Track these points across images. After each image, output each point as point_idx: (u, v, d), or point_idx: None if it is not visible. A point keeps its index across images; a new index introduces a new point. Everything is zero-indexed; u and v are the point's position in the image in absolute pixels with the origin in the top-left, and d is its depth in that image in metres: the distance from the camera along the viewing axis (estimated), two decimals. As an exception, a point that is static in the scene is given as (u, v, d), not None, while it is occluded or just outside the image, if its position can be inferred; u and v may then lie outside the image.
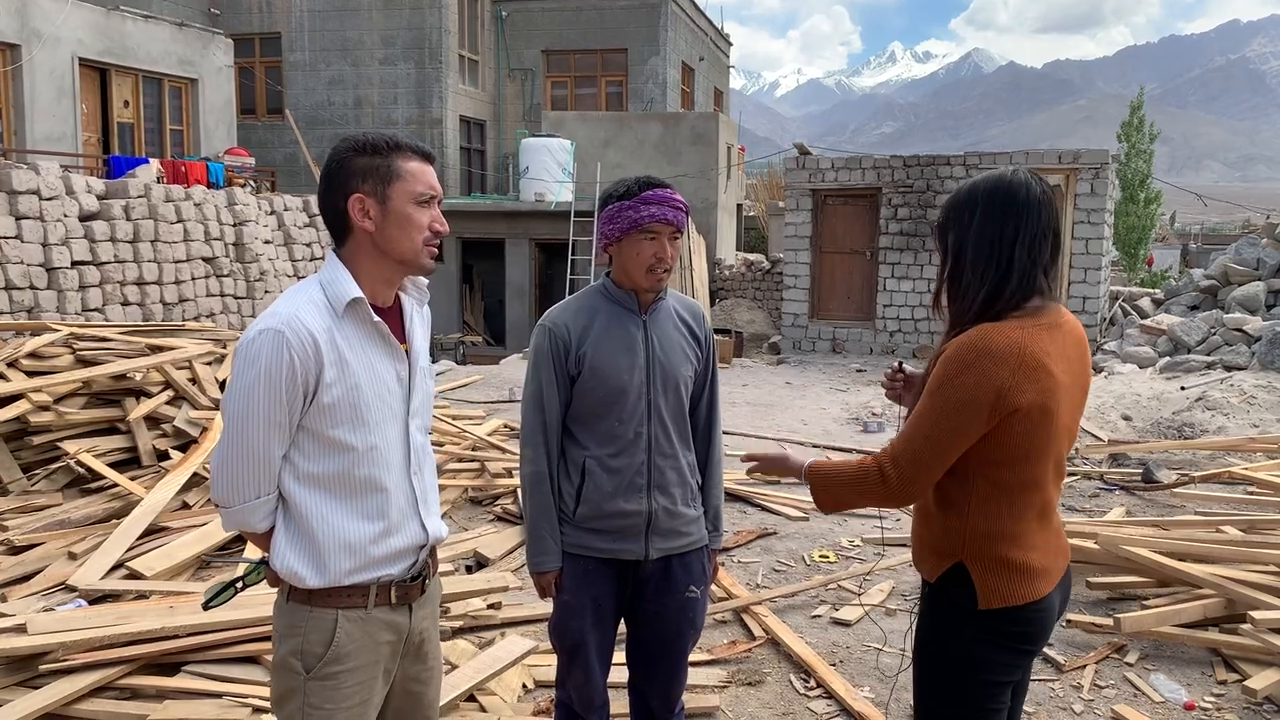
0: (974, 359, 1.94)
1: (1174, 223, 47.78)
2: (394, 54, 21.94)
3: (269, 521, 2.00)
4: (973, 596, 2.05)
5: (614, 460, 2.62)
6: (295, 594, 2.00)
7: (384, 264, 2.02)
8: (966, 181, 2.14)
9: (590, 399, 2.62)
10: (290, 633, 1.99)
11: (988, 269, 2.02)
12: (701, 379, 2.78)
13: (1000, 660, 2.08)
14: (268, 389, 1.88)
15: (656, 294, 2.68)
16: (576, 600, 2.66)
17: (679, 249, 2.66)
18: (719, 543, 2.88)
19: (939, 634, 2.12)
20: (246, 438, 1.91)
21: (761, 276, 19.05)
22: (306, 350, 1.90)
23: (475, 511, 6.20)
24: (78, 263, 11.29)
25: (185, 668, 3.60)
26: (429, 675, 2.18)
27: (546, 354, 2.61)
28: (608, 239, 2.63)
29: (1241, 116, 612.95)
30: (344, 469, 1.97)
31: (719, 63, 29.85)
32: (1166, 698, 3.84)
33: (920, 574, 2.20)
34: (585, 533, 2.65)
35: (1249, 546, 4.72)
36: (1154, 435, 8.72)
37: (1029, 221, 2.02)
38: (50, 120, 14.82)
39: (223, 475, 1.95)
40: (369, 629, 2.01)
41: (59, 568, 4.69)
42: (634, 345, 2.62)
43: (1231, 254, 13.60)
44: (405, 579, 2.07)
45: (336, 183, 1.98)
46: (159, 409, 6.30)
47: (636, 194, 2.57)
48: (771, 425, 9.23)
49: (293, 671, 1.97)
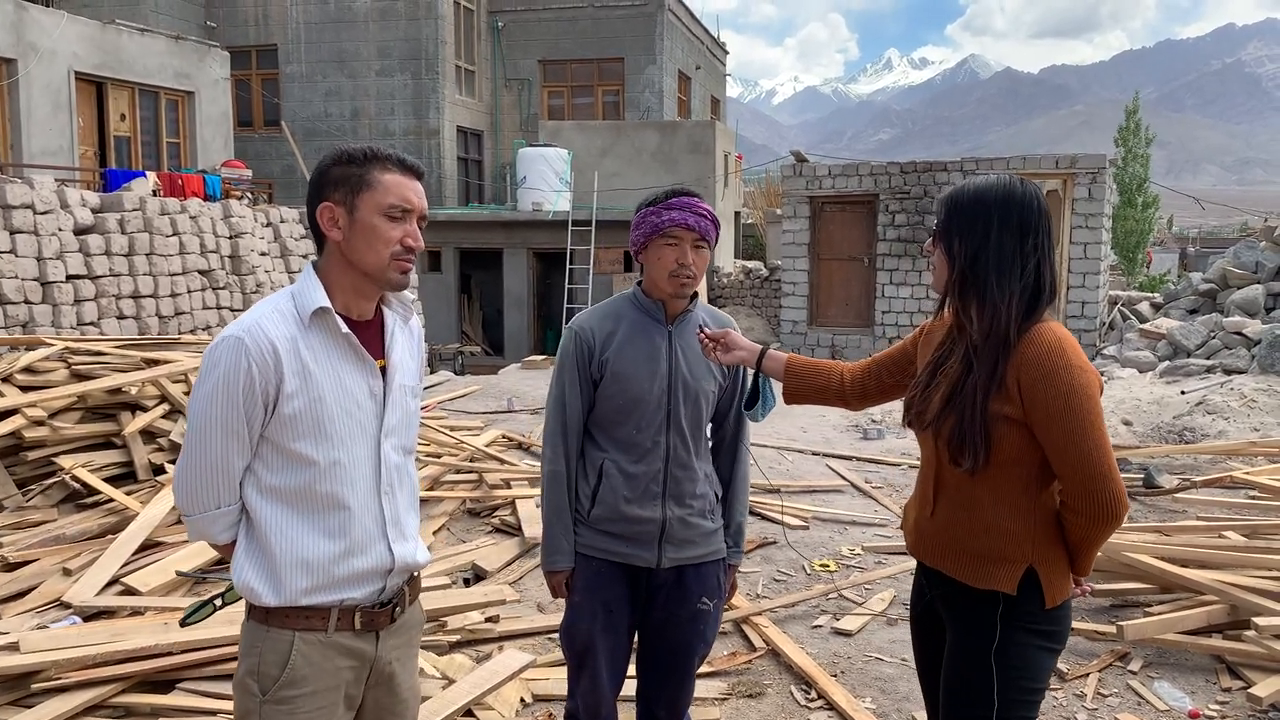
0: (1073, 358, 2.02)
1: (1172, 226, 47.79)
2: (390, 65, 21.96)
3: (231, 534, 1.95)
4: (1040, 599, 2.08)
5: (632, 466, 2.63)
6: (254, 612, 1.95)
7: (354, 275, 1.97)
8: (967, 186, 2.14)
9: (610, 405, 2.63)
10: (248, 652, 1.94)
11: (1014, 282, 2.07)
12: (730, 394, 2.77)
13: (1053, 663, 2.16)
14: (225, 397, 1.85)
15: (684, 304, 2.68)
16: (586, 602, 2.65)
17: (705, 259, 2.65)
18: (739, 559, 2.86)
19: (1015, 644, 2.10)
20: (205, 446, 1.87)
21: (760, 284, 19.04)
22: (266, 359, 1.86)
23: (473, 523, 6.15)
24: (73, 276, 11.26)
25: (179, 685, 3.55)
26: (403, 708, 2.10)
27: (571, 357, 2.64)
28: (636, 246, 2.66)
29: (1238, 120, 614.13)
30: (305, 483, 1.92)
31: (716, 71, 29.89)
32: (1171, 706, 3.80)
33: (975, 587, 2.13)
34: (599, 534, 2.64)
35: (1252, 552, 4.69)
36: (1155, 440, 8.69)
37: (1045, 235, 2.11)
38: (47, 134, 14.81)
39: (183, 483, 1.92)
40: (328, 653, 1.94)
41: (53, 584, 4.64)
42: (657, 355, 2.63)
43: (1230, 257, 13.60)
44: (372, 605, 2.00)
45: (314, 191, 1.96)
46: (155, 423, 6.26)
47: (662, 200, 2.61)
48: (771, 432, 9.18)
49: (249, 693, 1.91)
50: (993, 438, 2.05)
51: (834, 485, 7.46)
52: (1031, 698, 2.13)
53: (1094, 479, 2.00)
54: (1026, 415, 2.04)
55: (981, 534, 2.12)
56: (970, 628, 2.15)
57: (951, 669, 2.18)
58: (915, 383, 2.28)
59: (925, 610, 2.35)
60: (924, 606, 2.36)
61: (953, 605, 2.21)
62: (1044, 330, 2.06)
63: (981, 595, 2.12)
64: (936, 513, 2.22)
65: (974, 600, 2.14)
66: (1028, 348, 2.04)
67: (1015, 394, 2.04)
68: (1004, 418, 2.05)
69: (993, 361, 2.06)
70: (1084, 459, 2.00)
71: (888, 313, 15.33)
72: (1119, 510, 2.03)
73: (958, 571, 2.16)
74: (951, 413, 2.09)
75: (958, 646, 2.17)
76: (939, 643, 2.30)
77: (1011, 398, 2.04)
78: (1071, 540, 2.11)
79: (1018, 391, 2.04)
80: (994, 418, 2.05)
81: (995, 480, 2.10)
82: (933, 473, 2.23)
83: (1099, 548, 2.15)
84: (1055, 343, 2.04)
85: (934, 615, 2.32)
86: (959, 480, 2.14)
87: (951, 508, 2.18)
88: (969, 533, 2.14)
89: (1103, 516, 2.03)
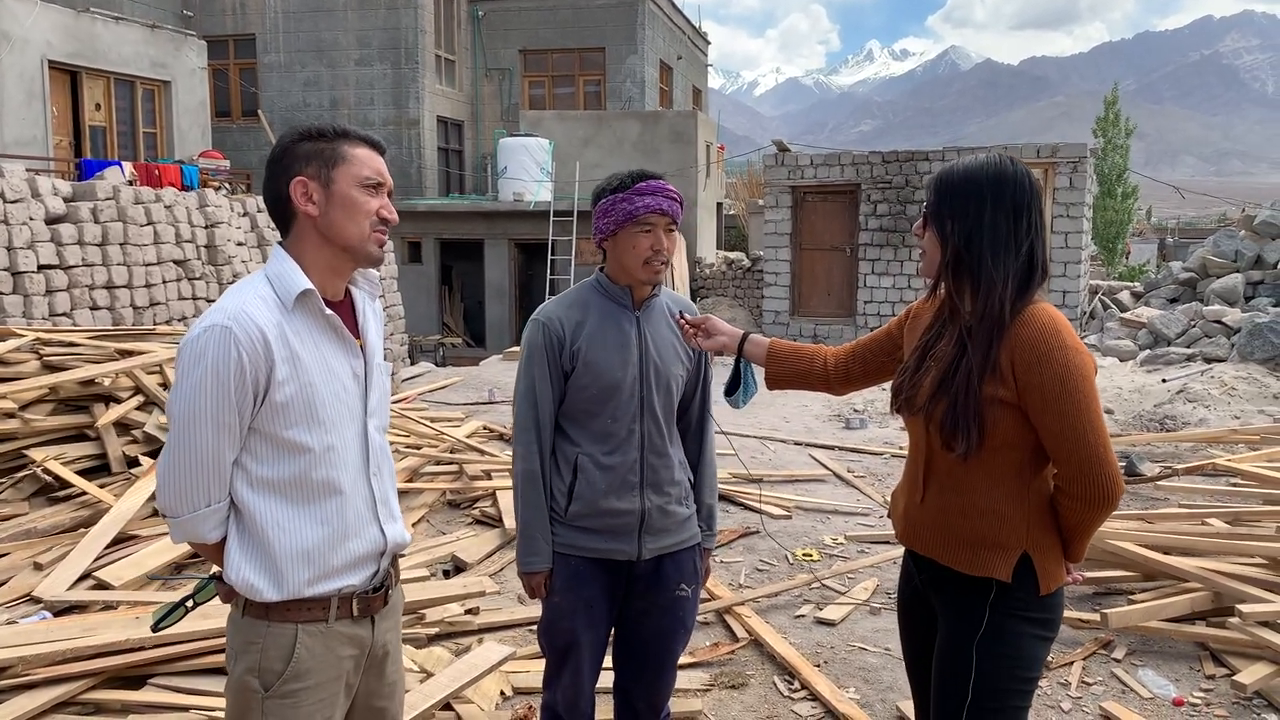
0: (1068, 339, 1.99)
1: (1150, 217, 48.11)
2: (369, 55, 21.77)
3: (220, 531, 1.89)
4: (1034, 586, 2.05)
5: (607, 458, 2.57)
6: (252, 608, 1.90)
7: (329, 252, 1.94)
8: (957, 167, 2.10)
9: (584, 395, 2.57)
10: (246, 649, 1.89)
11: (1008, 263, 2.03)
12: (694, 378, 2.74)
13: (1046, 651, 2.12)
14: (215, 389, 1.79)
15: (651, 290, 2.63)
16: (567, 602, 2.59)
17: (675, 241, 2.60)
18: (712, 542, 2.83)
19: (1010, 632, 2.06)
20: (194, 442, 1.81)
21: (742, 275, 19.00)
22: (256, 347, 1.80)
23: (453, 515, 6.10)
24: (44, 266, 11.09)
25: (151, 680, 3.48)
26: (391, 690, 2.09)
27: (540, 348, 2.56)
28: (603, 233, 2.59)
29: (1215, 112, 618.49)
30: (300, 472, 1.87)
31: (697, 61, 29.80)
32: (1155, 694, 3.78)
33: (964, 573, 2.09)
34: (577, 532, 2.58)
35: (1235, 539, 4.68)
36: (1136, 428, 8.70)
37: (1036, 213, 2.07)
38: (20, 124, 14.59)
39: (170, 484, 1.85)
40: (330, 643, 1.91)
41: (24, 579, 4.56)
42: (627, 342, 2.58)
43: (1210, 246, 13.66)
44: (368, 590, 1.98)
45: (280, 168, 1.92)
46: (129, 415, 6.16)
47: (630, 186, 2.53)
48: (753, 422, 9.16)
49: (250, 690, 1.87)
50: (986, 421, 2.01)
51: (817, 475, 7.43)
52: (1025, 687, 2.09)
53: (1089, 462, 1.97)
54: (1021, 398, 2.00)
55: (975, 519, 2.08)
56: (964, 615, 2.10)
57: (944, 658, 2.13)
58: (903, 367, 2.23)
59: (913, 598, 2.31)
60: (911, 595, 2.31)
61: (945, 593, 2.16)
62: (1038, 311, 2.02)
63: (974, 582, 2.08)
64: (927, 499, 2.17)
65: (967, 588, 2.10)
66: (1022, 329, 2.00)
67: (1009, 376, 2.00)
68: (998, 401, 2.01)
69: (987, 344, 2.02)
70: (1079, 442, 1.96)
71: (870, 302, 15.33)
72: (1114, 494, 1.99)
73: (950, 559, 2.12)
74: (943, 397, 2.05)
75: (950, 635, 2.13)
76: (927, 632, 2.25)
77: (1005, 380, 2.00)
78: (1066, 525, 2.07)
79: (1012, 374, 2.00)
80: (987, 401, 2.00)
81: (988, 465, 2.05)
82: (923, 458, 2.18)
83: (1093, 533, 2.11)
84: (1050, 323, 2.00)
85: (923, 604, 2.27)
86: (950, 465, 2.10)
87: (943, 493, 2.14)
88: (962, 518, 2.09)
89: (1098, 500, 1.99)
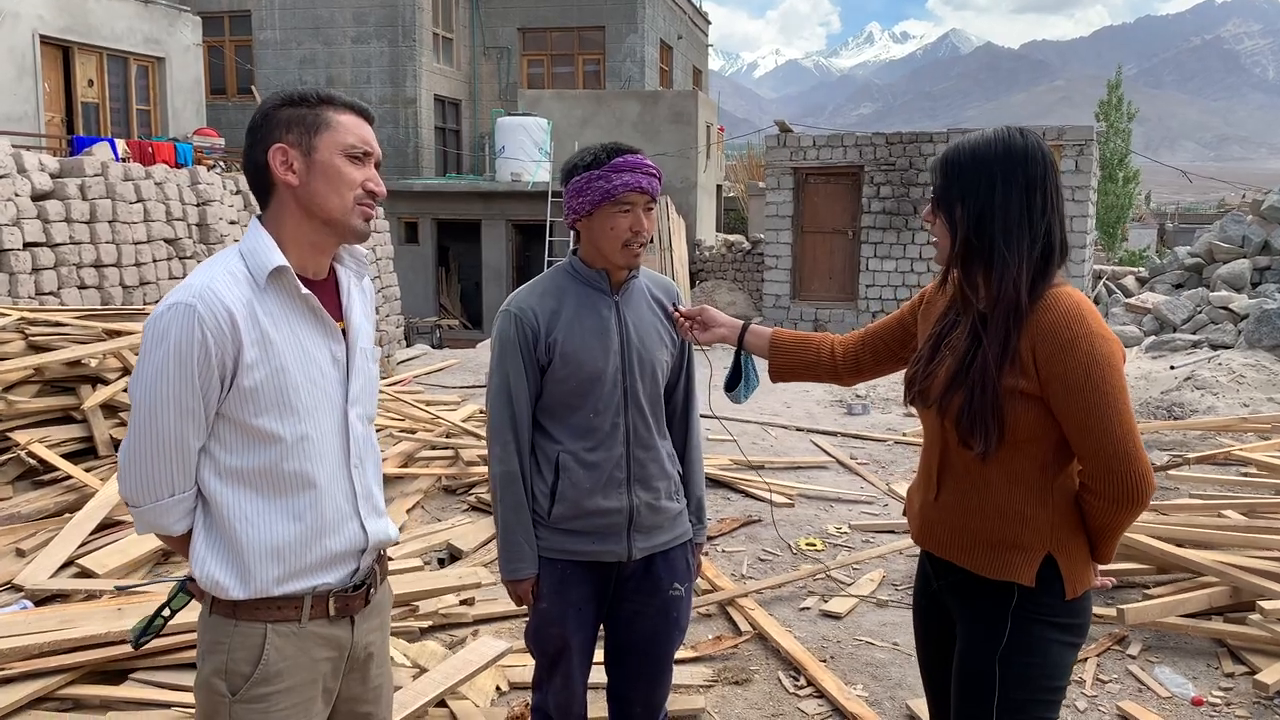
0: (1094, 325, 1.84)
1: (1149, 202, 47.90)
2: (366, 32, 21.51)
3: (186, 523, 1.77)
4: (1060, 590, 1.91)
5: (591, 454, 2.40)
6: (218, 606, 1.77)
7: (311, 225, 1.79)
8: (963, 145, 1.94)
9: (563, 389, 2.39)
10: (213, 649, 1.76)
11: (1024, 244, 1.87)
12: (678, 362, 2.58)
13: (1074, 659, 1.99)
14: (178, 371, 1.65)
15: (630, 272, 2.45)
16: (555, 607, 2.43)
17: (655, 220, 2.42)
18: (703, 536, 2.68)
19: (1035, 640, 1.93)
20: (156, 427, 1.68)
21: (742, 258, 18.81)
22: (222, 327, 1.67)
23: (449, 501, 5.97)
24: (30, 244, 10.87)
25: (132, 675, 3.36)
26: (376, 694, 1.95)
27: (513, 342, 2.38)
28: (576, 214, 2.38)
29: (1216, 97, 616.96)
30: (270, 463, 1.74)
31: (698, 41, 29.53)
32: (1174, 692, 3.66)
33: (984, 576, 1.96)
34: (562, 535, 2.41)
35: (1252, 531, 4.55)
36: (1143, 416, 8.57)
37: (1052, 187, 1.90)
38: (11, 100, 14.36)
39: (131, 471, 1.72)
40: (304, 645, 1.78)
41: (6, 565, 4.43)
42: (607, 329, 2.40)
43: (1217, 231, 13.50)
44: (345, 588, 1.83)
45: (259, 135, 1.76)
46: (116, 396, 6.02)
47: (605, 162, 2.33)
48: (753, 408, 9.02)
49: (217, 693, 1.74)
50: (1006, 416, 1.86)
51: (819, 461, 7.31)
52: (1052, 697, 1.96)
53: (1117, 458, 1.83)
54: (1043, 389, 1.85)
55: (995, 519, 1.94)
56: (984, 623, 1.97)
57: (964, 669, 1.99)
58: (916, 357, 2.09)
59: (930, 604, 2.17)
60: (928, 600, 2.17)
61: (964, 598, 2.02)
62: (1060, 295, 1.87)
63: (995, 587, 1.95)
64: (942, 497, 2.03)
65: (987, 591, 1.96)
66: (1043, 315, 1.85)
67: (1030, 366, 1.85)
68: (1018, 393, 1.86)
69: (1004, 333, 1.87)
70: (1106, 436, 1.82)
71: (871, 286, 15.17)
72: (1145, 492, 1.85)
73: (969, 561, 1.98)
74: (959, 390, 1.91)
75: (971, 645, 1.99)
76: (945, 638, 2.12)
77: (1026, 371, 1.86)
78: (1092, 526, 1.93)
79: (1033, 363, 1.85)
80: (1007, 393, 1.86)
81: (1009, 461, 1.91)
82: (938, 453, 2.04)
83: (1122, 534, 1.97)
84: (1074, 308, 1.85)
85: (940, 610, 2.13)
86: (968, 461, 1.95)
87: (959, 492, 2.00)
88: (980, 518, 1.95)
89: (1127, 499, 1.85)
